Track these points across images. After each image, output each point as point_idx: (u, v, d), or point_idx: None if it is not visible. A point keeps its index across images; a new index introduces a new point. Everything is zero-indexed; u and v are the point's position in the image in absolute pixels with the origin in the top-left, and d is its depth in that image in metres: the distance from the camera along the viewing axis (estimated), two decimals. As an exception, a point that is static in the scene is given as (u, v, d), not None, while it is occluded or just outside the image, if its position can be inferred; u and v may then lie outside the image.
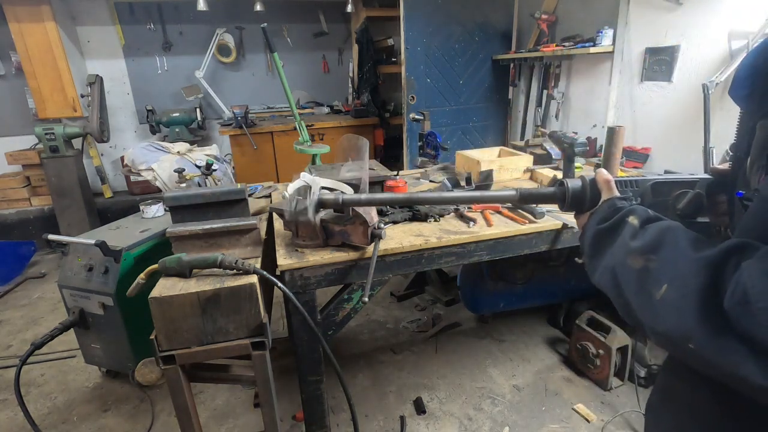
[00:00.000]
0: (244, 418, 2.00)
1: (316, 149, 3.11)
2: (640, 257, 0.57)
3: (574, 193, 0.77)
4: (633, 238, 0.60)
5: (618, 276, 0.60)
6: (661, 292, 0.52)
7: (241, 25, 4.47)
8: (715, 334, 0.46)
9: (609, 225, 0.66)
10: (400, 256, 1.43)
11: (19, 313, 2.97)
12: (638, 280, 0.56)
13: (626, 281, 0.58)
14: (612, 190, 0.72)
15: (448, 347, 2.47)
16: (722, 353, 0.46)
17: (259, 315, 1.25)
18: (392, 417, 1.98)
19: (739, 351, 0.44)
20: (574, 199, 0.77)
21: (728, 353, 0.45)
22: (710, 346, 0.46)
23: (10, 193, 3.95)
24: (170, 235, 1.31)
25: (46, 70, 3.75)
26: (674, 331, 0.50)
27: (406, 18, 3.32)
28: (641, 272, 0.56)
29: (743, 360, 0.44)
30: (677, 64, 2.21)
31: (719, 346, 0.46)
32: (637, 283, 0.56)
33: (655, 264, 0.54)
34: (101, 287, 1.93)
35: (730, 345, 0.45)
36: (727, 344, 0.45)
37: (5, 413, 2.07)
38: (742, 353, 0.44)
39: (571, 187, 0.77)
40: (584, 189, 0.76)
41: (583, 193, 0.76)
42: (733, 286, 0.45)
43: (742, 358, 0.44)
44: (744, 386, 0.46)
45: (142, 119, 4.39)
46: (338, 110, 4.77)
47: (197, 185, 2.21)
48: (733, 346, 0.44)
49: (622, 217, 0.65)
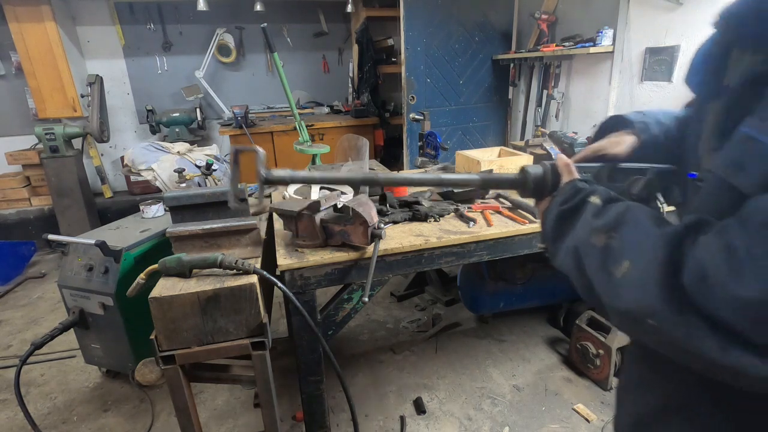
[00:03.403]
0: (244, 418, 2.00)
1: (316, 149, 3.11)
2: (603, 235, 0.56)
3: (536, 179, 0.77)
4: (595, 217, 0.60)
5: (581, 255, 0.59)
6: (622, 269, 0.51)
7: (241, 25, 4.47)
8: (676, 310, 0.45)
9: (571, 205, 0.65)
10: (400, 256, 1.43)
11: (19, 313, 2.97)
12: (600, 258, 0.55)
13: (588, 260, 0.57)
14: (572, 173, 0.72)
15: (448, 347, 2.47)
16: (682, 329, 0.45)
17: (259, 315, 1.25)
18: (392, 417, 1.98)
19: (699, 326, 0.44)
20: (535, 185, 0.77)
21: (688, 329, 0.45)
22: (670, 322, 0.46)
23: (10, 193, 3.95)
24: (170, 235, 1.31)
25: (46, 70, 3.75)
26: (635, 308, 0.49)
27: (406, 18, 3.32)
28: (603, 250, 0.55)
29: (702, 335, 0.43)
30: (677, 64, 2.21)
31: (679, 322, 0.45)
32: (599, 261, 0.55)
33: (617, 241, 0.54)
34: (101, 287, 1.93)
35: (689, 320, 0.44)
36: (686, 320, 0.44)
37: (5, 413, 2.07)
38: (701, 329, 0.43)
39: (533, 172, 0.76)
40: (545, 174, 0.76)
41: (544, 178, 0.76)
42: (691, 261, 0.45)
43: (701, 333, 0.43)
44: (702, 363, 0.45)
45: (142, 119, 4.39)
46: (338, 110, 4.77)
47: (197, 185, 2.21)
48: (693, 321, 0.44)
49: (584, 197, 0.64)
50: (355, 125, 4.26)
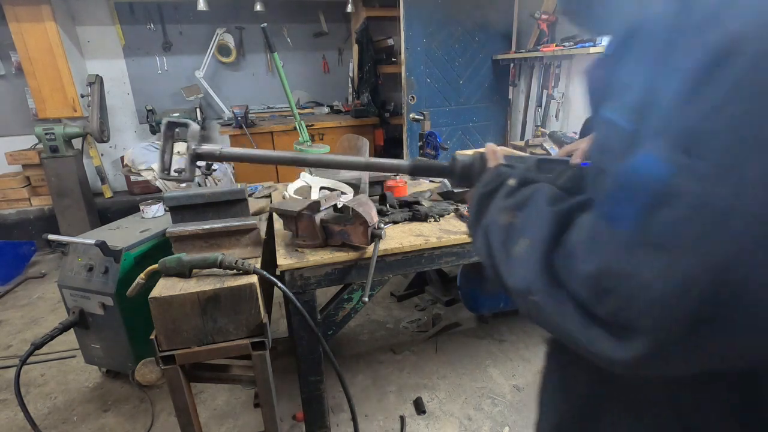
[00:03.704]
0: (244, 418, 2.00)
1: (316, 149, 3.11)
2: (508, 214, 0.57)
3: (464, 166, 0.77)
4: (506, 198, 0.60)
5: (488, 234, 0.58)
6: (518, 247, 0.51)
7: (241, 25, 4.47)
8: (550, 287, 0.45)
9: (490, 188, 0.65)
10: (400, 256, 1.43)
11: (19, 313, 2.97)
12: (502, 236, 0.55)
13: (494, 238, 0.57)
14: (498, 160, 0.73)
15: (448, 347, 2.47)
16: (555, 307, 0.45)
17: (259, 315, 1.25)
18: (392, 417, 1.98)
19: (566, 304, 0.44)
20: (463, 172, 0.77)
21: (559, 307, 0.44)
22: (547, 300, 0.46)
23: (10, 193, 3.95)
24: (170, 235, 1.31)
25: (46, 70, 3.75)
26: (520, 283, 0.49)
27: (406, 18, 3.32)
28: (506, 228, 0.55)
29: (570, 313, 0.43)
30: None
31: (553, 300, 0.45)
32: (501, 239, 0.55)
33: (518, 220, 0.54)
34: (101, 287, 1.93)
35: (560, 298, 0.44)
36: (558, 298, 0.44)
37: (5, 413, 2.07)
38: (569, 307, 0.43)
39: (461, 160, 0.77)
40: (473, 162, 0.77)
41: (472, 166, 0.77)
42: (566, 238, 0.45)
43: (569, 311, 0.43)
44: (571, 341, 0.45)
45: (142, 119, 4.39)
46: (338, 110, 4.77)
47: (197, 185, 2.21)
48: (562, 299, 0.44)
49: (503, 180, 0.64)
50: (355, 125, 4.26)
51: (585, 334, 0.42)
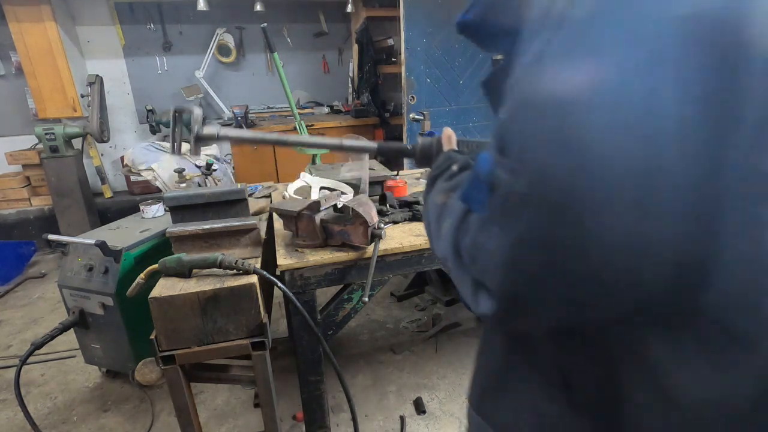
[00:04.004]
0: (244, 418, 2.00)
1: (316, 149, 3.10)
2: (445, 195, 0.65)
3: (423, 147, 0.86)
4: (447, 180, 0.68)
5: (429, 211, 0.67)
6: (445, 223, 0.59)
7: (241, 25, 4.47)
8: (458, 261, 0.54)
9: (438, 171, 0.73)
10: (400, 256, 1.43)
11: (19, 313, 2.97)
12: (437, 213, 0.63)
13: (432, 214, 0.65)
14: (452, 144, 0.82)
15: (448, 347, 2.47)
16: (459, 273, 0.54)
17: (259, 315, 1.25)
18: (392, 417, 1.98)
19: (466, 279, 0.52)
20: (422, 154, 0.86)
21: (461, 273, 0.53)
22: (455, 270, 0.55)
23: (10, 193, 3.95)
24: (170, 235, 1.31)
25: (46, 70, 3.75)
26: (442, 254, 0.59)
27: (406, 18, 3.32)
28: (441, 207, 0.63)
29: (465, 279, 0.52)
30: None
31: (458, 268, 0.54)
32: (436, 215, 0.64)
33: (451, 201, 0.61)
34: (101, 287, 1.93)
35: (462, 267, 0.53)
36: (461, 266, 0.53)
37: (5, 413, 2.07)
38: (467, 274, 0.52)
39: (421, 143, 0.86)
40: (431, 144, 0.85)
41: (430, 148, 0.85)
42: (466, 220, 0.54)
43: (465, 277, 0.52)
44: (467, 300, 0.53)
45: (142, 119, 4.39)
46: (338, 110, 4.77)
47: (197, 185, 2.21)
48: (463, 268, 0.53)
49: (449, 164, 0.72)
50: (355, 125, 4.26)
51: (471, 295, 0.52)
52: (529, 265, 0.44)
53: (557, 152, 0.41)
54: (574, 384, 0.54)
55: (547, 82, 0.42)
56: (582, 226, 0.40)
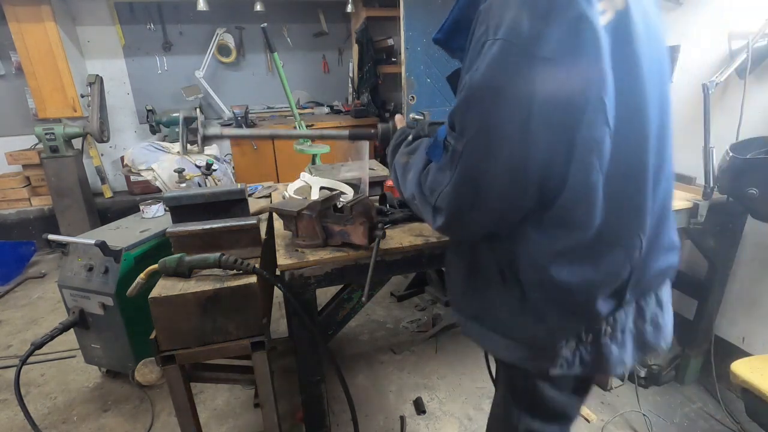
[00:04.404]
0: (244, 418, 2.00)
1: (316, 149, 3.11)
2: (406, 157, 0.99)
3: (383, 130, 1.22)
4: (406, 147, 1.04)
5: (396, 170, 1.01)
6: (409, 175, 0.92)
7: (241, 25, 4.47)
8: (421, 194, 0.87)
9: (397, 141, 1.10)
10: (400, 256, 1.42)
11: (19, 313, 2.97)
12: (402, 170, 0.97)
13: (399, 172, 0.99)
14: (403, 123, 1.22)
15: (448, 347, 2.47)
16: (422, 204, 0.87)
17: (259, 315, 1.25)
18: (392, 417, 1.98)
19: (427, 207, 0.85)
20: (383, 135, 1.21)
21: (424, 204, 0.87)
22: (420, 202, 0.88)
23: (10, 193, 3.95)
24: (170, 235, 1.31)
25: (46, 70, 3.75)
26: (409, 195, 0.92)
27: (406, 18, 3.32)
28: (404, 165, 0.97)
29: (427, 206, 0.85)
30: (677, 64, 2.21)
31: (422, 201, 0.87)
32: (402, 172, 0.97)
33: (411, 160, 0.95)
34: (101, 287, 1.93)
35: (424, 200, 0.86)
36: (424, 199, 0.86)
37: (5, 413, 2.07)
38: (428, 209, 0.85)
39: (380, 126, 1.22)
40: (388, 127, 1.21)
41: (388, 129, 1.21)
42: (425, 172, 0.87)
43: (427, 206, 0.85)
44: (427, 221, 0.87)
45: (142, 119, 4.38)
46: (338, 110, 4.77)
47: (197, 185, 2.21)
48: (425, 200, 0.86)
49: (405, 136, 1.08)
50: (355, 125, 4.26)
51: (431, 217, 0.85)
52: (465, 191, 0.77)
53: (478, 128, 0.73)
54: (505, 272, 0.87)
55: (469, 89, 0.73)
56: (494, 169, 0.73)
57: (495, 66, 0.68)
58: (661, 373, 2.09)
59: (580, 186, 0.73)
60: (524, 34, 0.65)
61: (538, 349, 0.88)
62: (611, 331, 0.86)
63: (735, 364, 1.50)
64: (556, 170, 0.73)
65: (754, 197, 1.57)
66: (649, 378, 2.11)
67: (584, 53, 0.67)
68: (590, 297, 0.81)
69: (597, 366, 0.88)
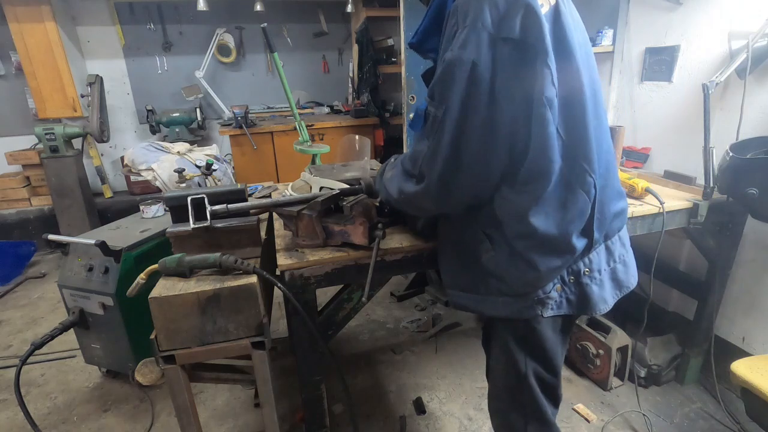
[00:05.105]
0: (244, 418, 2.00)
1: (316, 149, 3.11)
2: (390, 171, 1.20)
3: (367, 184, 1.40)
4: (390, 168, 1.24)
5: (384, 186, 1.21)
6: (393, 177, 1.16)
7: (241, 25, 4.47)
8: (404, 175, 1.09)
9: (381, 170, 1.32)
10: (400, 256, 1.42)
11: (19, 313, 2.97)
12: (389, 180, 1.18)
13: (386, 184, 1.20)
14: None
15: (448, 347, 2.47)
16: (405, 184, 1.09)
17: (259, 315, 1.25)
18: (392, 417, 1.98)
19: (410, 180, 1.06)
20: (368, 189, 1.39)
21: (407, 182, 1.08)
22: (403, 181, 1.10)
23: (10, 193, 3.95)
24: (170, 235, 1.31)
25: (46, 70, 3.75)
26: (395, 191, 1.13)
27: (406, 18, 3.31)
28: (390, 177, 1.18)
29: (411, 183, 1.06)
30: (677, 64, 2.21)
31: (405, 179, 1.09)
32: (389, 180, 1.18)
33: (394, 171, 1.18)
34: (101, 287, 1.93)
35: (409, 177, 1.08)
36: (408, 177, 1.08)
37: (5, 413, 2.07)
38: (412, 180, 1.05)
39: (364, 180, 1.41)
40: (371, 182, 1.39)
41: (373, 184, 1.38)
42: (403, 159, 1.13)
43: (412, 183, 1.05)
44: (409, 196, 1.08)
45: (142, 119, 4.38)
46: (338, 110, 4.77)
47: (197, 185, 2.21)
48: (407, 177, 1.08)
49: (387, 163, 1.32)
50: (355, 125, 4.25)
51: (413, 186, 1.04)
52: (448, 154, 0.93)
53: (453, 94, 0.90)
54: (491, 234, 1.03)
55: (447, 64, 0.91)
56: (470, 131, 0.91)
57: (465, 45, 0.87)
58: (661, 373, 2.09)
59: (540, 138, 0.91)
60: (487, 20, 0.87)
61: (531, 298, 1.04)
62: (589, 271, 1.04)
63: (735, 364, 1.50)
64: (521, 129, 0.91)
65: (754, 197, 1.57)
66: (649, 378, 2.11)
67: (533, 32, 0.87)
68: (566, 235, 0.97)
69: (582, 305, 1.06)
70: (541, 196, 0.95)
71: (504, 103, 0.89)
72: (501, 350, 1.18)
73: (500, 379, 1.25)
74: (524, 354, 1.13)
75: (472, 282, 1.11)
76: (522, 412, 1.19)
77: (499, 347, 1.20)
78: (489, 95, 0.88)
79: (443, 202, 1.01)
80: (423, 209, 1.15)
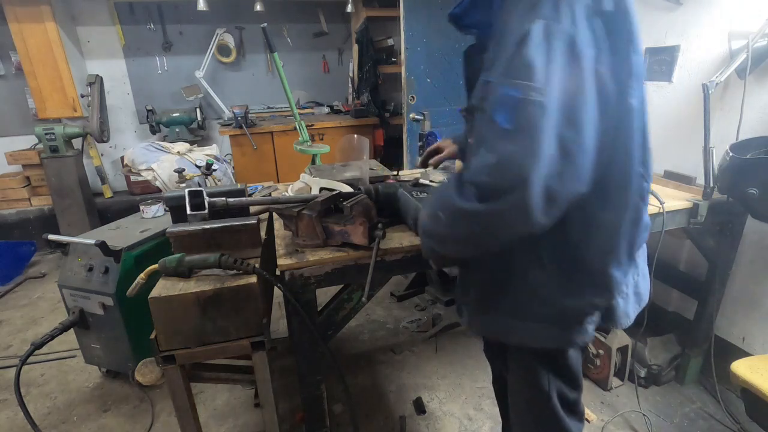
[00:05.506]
0: (244, 418, 2.00)
1: (316, 149, 3.11)
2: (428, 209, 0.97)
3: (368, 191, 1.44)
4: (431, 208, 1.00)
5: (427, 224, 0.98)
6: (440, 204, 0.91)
7: (241, 25, 4.47)
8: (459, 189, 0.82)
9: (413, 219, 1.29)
10: (400, 256, 1.42)
11: (19, 313, 2.97)
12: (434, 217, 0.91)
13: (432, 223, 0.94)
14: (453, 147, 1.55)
15: (448, 347, 2.47)
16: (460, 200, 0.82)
17: (259, 315, 1.25)
18: (392, 417, 1.98)
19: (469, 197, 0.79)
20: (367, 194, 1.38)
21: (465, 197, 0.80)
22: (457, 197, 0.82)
23: (10, 193, 3.95)
24: (170, 235, 1.31)
25: (46, 70, 3.75)
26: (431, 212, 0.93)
27: (406, 18, 3.31)
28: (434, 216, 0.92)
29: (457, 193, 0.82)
30: (677, 64, 2.21)
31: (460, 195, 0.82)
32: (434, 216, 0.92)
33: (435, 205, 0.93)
34: (101, 287, 1.93)
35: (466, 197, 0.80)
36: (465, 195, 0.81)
37: (5, 413, 2.07)
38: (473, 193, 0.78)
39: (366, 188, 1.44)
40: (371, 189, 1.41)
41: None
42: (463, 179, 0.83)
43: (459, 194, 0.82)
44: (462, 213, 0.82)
45: (142, 119, 4.38)
46: (338, 110, 4.77)
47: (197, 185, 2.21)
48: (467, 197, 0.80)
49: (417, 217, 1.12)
50: (355, 125, 4.26)
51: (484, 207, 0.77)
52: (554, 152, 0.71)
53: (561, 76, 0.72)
54: (542, 257, 0.91)
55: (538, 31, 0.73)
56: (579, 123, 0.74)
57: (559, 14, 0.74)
58: (661, 373, 2.09)
59: (625, 136, 0.82)
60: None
61: (568, 325, 0.95)
62: (625, 289, 0.96)
63: (735, 364, 1.50)
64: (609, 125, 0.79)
65: (754, 197, 1.57)
66: (649, 378, 2.11)
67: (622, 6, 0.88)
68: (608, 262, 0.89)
69: (605, 320, 0.98)
70: (626, 210, 0.85)
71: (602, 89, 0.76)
72: (522, 371, 1.12)
73: (520, 397, 1.17)
74: (547, 372, 1.07)
75: (513, 303, 0.97)
76: None
77: (519, 370, 1.13)
78: (594, 76, 0.75)
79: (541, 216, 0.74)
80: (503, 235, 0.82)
